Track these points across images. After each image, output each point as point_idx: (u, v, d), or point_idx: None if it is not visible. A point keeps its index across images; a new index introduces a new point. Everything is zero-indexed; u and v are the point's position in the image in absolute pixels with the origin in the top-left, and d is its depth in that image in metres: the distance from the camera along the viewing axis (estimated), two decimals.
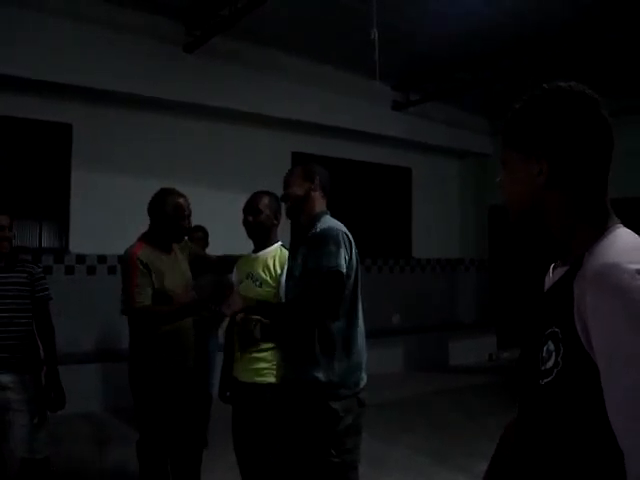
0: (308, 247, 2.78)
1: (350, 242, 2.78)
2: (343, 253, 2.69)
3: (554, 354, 1.17)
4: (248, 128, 7.79)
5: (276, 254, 3.37)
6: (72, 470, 4.66)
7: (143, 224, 3.71)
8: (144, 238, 3.61)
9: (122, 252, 3.57)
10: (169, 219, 3.56)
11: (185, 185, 6.84)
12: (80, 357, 6.24)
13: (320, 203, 2.97)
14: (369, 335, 2.90)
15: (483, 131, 10.02)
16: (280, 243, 3.47)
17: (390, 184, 9.71)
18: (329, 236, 2.71)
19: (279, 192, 3.47)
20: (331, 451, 2.65)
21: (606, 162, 1.25)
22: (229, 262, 3.82)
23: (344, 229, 2.81)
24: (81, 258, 6.66)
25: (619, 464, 1.05)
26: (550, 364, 1.17)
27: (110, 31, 6.30)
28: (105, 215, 6.57)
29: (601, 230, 1.22)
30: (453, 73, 7.90)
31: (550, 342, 1.18)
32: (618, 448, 1.05)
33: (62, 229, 6.58)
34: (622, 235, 1.21)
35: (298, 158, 8.05)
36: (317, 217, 2.90)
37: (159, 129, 7.16)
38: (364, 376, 2.83)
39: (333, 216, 2.95)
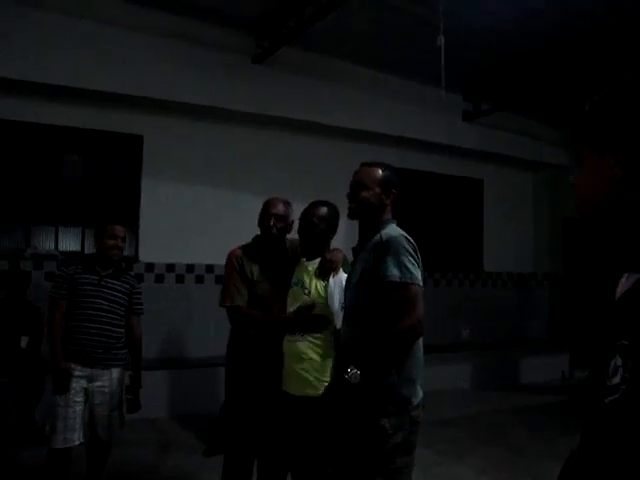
0: (374, 254, 2.67)
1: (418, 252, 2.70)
2: (417, 265, 2.62)
3: (621, 369, 1.06)
4: (318, 139, 7.81)
5: None
6: (135, 473, 4.74)
7: (211, 234, 3.74)
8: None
9: (189, 261, 3.63)
10: (260, 224, 3.66)
11: (251, 195, 6.99)
12: (147, 363, 6.33)
13: (389, 211, 2.87)
14: (437, 349, 2.78)
15: (557, 143, 9.73)
16: None
17: (461, 196, 9.54)
18: (402, 246, 2.62)
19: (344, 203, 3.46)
20: (377, 471, 2.55)
21: None
22: None
23: (411, 239, 2.71)
24: (150, 266, 6.78)
25: None
26: (617, 380, 1.06)
27: (181, 43, 6.43)
28: (174, 224, 6.68)
29: None
30: (526, 83, 7.71)
31: (618, 356, 1.08)
32: None
33: (132, 238, 6.72)
34: None
35: None
36: (383, 224, 2.80)
37: (227, 139, 7.25)
38: (419, 392, 2.69)
39: (403, 228, 2.82)
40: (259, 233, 3.74)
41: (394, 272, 2.53)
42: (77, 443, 3.80)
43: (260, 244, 3.70)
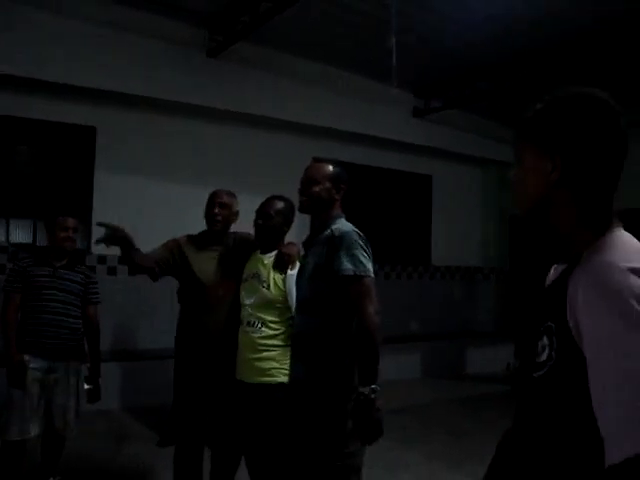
0: (327, 249, 2.77)
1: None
2: (369, 258, 2.74)
3: (548, 348, 1.21)
4: (270, 133, 7.87)
5: None
6: (90, 465, 4.74)
7: (162, 225, 3.80)
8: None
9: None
10: (205, 213, 3.75)
11: (204, 188, 6.99)
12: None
13: (338, 206, 2.99)
14: (388, 341, 2.90)
15: (505, 139, 9.97)
16: None
17: (410, 191, 9.72)
18: (355, 240, 2.73)
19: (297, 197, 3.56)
20: (334, 454, 2.66)
21: (617, 168, 1.30)
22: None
23: (361, 234, 2.82)
24: (102, 259, 6.76)
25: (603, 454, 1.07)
26: (544, 357, 1.22)
27: (135, 36, 6.42)
28: (126, 217, 6.59)
29: (602, 232, 1.26)
30: (475, 80, 7.91)
31: (545, 336, 1.23)
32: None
33: (84, 230, 6.69)
34: (621, 237, 1.26)
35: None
36: (332, 219, 2.91)
37: (181, 133, 7.26)
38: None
39: (353, 222, 2.95)
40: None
41: (348, 266, 2.65)
42: (32, 435, 3.83)
43: (205, 233, 3.77)
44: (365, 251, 2.72)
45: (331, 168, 2.97)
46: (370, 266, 2.72)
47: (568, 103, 1.33)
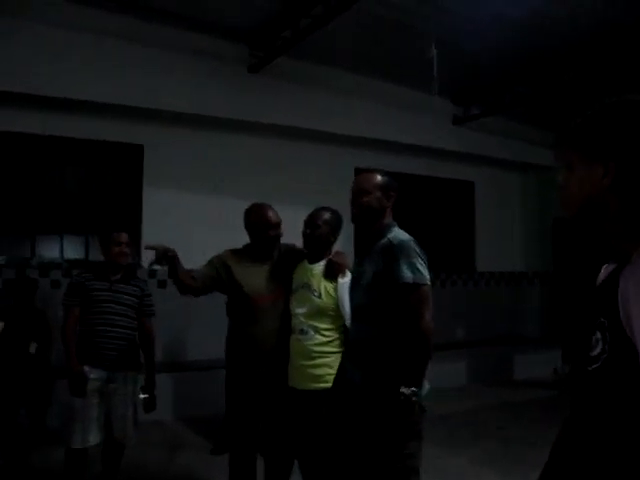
0: (384, 257, 2.85)
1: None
2: (426, 266, 2.82)
3: (601, 342, 1.28)
4: (312, 145, 7.99)
5: None
6: (146, 474, 4.90)
7: (210, 239, 3.91)
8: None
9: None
10: (253, 230, 3.81)
11: (250, 201, 7.13)
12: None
13: (389, 214, 3.07)
14: (434, 348, 2.95)
15: (545, 144, 9.93)
16: None
17: (453, 198, 9.75)
18: (413, 249, 2.82)
19: (342, 207, 3.65)
20: (394, 457, 2.72)
21: None
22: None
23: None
24: (152, 273, 6.92)
25: None
26: (597, 351, 1.29)
27: (179, 54, 6.62)
28: (175, 232, 6.78)
29: None
30: (513, 86, 7.91)
31: (598, 332, 1.30)
32: None
33: (134, 245, 6.86)
34: None
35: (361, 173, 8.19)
36: (387, 228, 2.99)
37: (226, 148, 7.42)
38: (426, 384, 2.86)
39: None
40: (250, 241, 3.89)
41: (407, 274, 2.73)
42: (93, 443, 3.97)
43: (252, 246, 3.85)
44: (422, 259, 2.80)
45: (380, 177, 3.06)
46: (427, 274, 2.79)
47: (619, 110, 1.37)
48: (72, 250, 6.92)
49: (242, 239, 4.06)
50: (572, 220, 1.48)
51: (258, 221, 3.78)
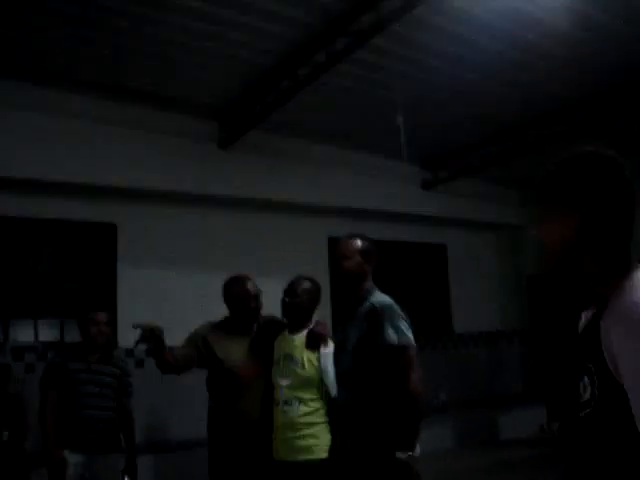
0: (368, 322, 2.87)
1: None
2: (410, 328, 2.85)
3: (589, 387, 1.31)
4: (285, 216, 8.05)
5: None
6: None
7: (188, 316, 3.90)
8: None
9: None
10: (232, 302, 3.79)
11: (225, 275, 7.13)
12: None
13: (369, 278, 3.10)
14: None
15: (514, 203, 10.15)
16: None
17: (426, 261, 9.82)
18: (397, 312, 2.86)
19: (318, 276, 3.69)
20: None
21: (631, 216, 1.42)
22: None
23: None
24: (130, 352, 6.82)
25: None
26: (587, 396, 1.31)
27: (148, 132, 6.70)
28: (150, 309, 6.73)
29: (624, 275, 1.36)
30: (479, 148, 8.12)
31: (585, 377, 1.33)
32: None
33: (110, 324, 6.78)
34: None
35: (334, 242, 8.23)
36: (368, 291, 3.02)
37: (199, 222, 7.46)
38: (418, 448, 2.85)
39: None
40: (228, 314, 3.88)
41: (392, 337, 2.74)
42: None
43: (231, 319, 3.83)
44: (406, 322, 2.82)
45: (360, 242, 3.10)
46: (411, 336, 2.81)
47: (579, 163, 1.46)
48: (47, 333, 6.80)
49: (219, 313, 4.04)
50: (548, 274, 1.52)
51: (237, 294, 3.79)
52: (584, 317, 1.48)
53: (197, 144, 7.02)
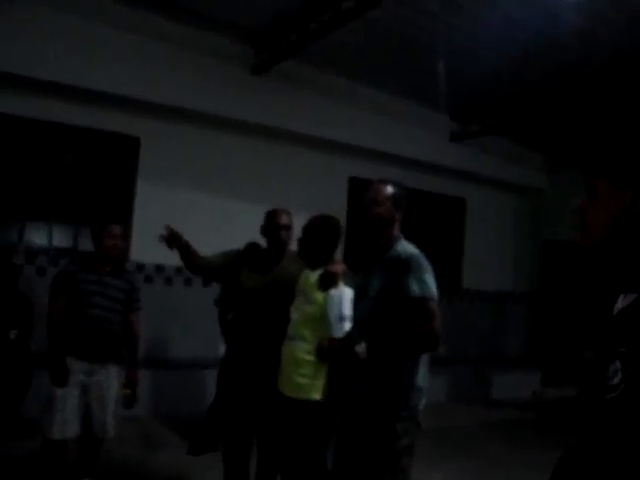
0: (391, 270, 2.82)
1: None
2: (434, 281, 2.79)
3: (620, 372, 1.27)
4: (308, 151, 7.98)
5: None
6: (122, 469, 4.86)
7: (202, 238, 3.91)
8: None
9: (179, 263, 3.83)
10: (265, 232, 3.82)
11: (244, 203, 7.13)
12: None
13: (398, 227, 3.04)
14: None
15: (539, 167, 10.02)
16: None
17: (444, 213, 9.78)
18: (422, 264, 2.79)
19: (336, 215, 3.65)
20: (386, 470, 2.71)
21: None
22: None
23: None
24: (140, 267, 6.88)
25: None
26: (616, 380, 1.27)
27: (181, 50, 6.59)
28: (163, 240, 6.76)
29: None
30: (513, 107, 7.95)
31: (617, 361, 1.29)
32: None
33: (125, 237, 6.80)
34: None
35: (355, 183, 8.22)
36: (395, 240, 2.96)
37: (223, 147, 7.40)
38: (424, 399, 2.87)
39: None
40: (252, 241, 3.91)
41: (416, 289, 2.70)
42: (72, 435, 3.92)
43: (266, 252, 3.84)
44: (431, 274, 2.77)
45: (392, 188, 3.02)
46: (435, 289, 2.76)
47: None
48: (61, 238, 6.85)
49: (235, 239, 4.09)
50: (588, 248, 1.47)
51: (268, 223, 3.80)
52: (622, 299, 1.42)
53: (230, 66, 6.90)
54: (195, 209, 7.10)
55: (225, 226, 6.69)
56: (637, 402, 1.24)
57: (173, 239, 3.69)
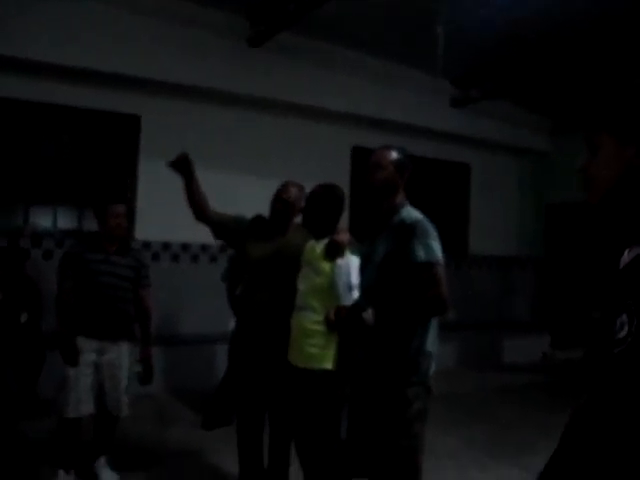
0: (396, 236, 2.81)
1: None
2: (440, 246, 2.77)
3: (627, 325, 1.26)
4: (310, 122, 7.94)
5: None
6: (137, 445, 4.92)
7: None
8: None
9: (185, 240, 3.83)
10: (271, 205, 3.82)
11: (246, 177, 7.11)
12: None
13: (402, 193, 3.02)
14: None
15: (542, 129, 9.94)
16: None
17: (448, 180, 9.74)
18: (428, 229, 2.77)
19: (339, 185, 3.64)
20: (400, 435, 2.72)
21: None
22: None
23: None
24: (146, 245, 6.88)
25: None
26: (623, 334, 1.27)
27: (176, 25, 6.52)
28: (170, 204, 6.72)
29: None
30: (513, 70, 7.86)
31: (624, 314, 1.28)
32: None
33: (129, 216, 6.81)
34: None
35: (357, 152, 8.18)
36: (399, 206, 2.95)
37: (222, 121, 7.36)
38: (433, 364, 2.87)
39: None
40: (259, 214, 3.92)
41: (421, 254, 2.69)
42: (86, 413, 3.96)
43: (269, 223, 3.83)
44: (436, 239, 2.76)
45: (395, 154, 3.00)
46: (440, 254, 2.75)
47: None
48: (65, 221, 6.86)
49: (239, 213, 4.05)
50: (595, 206, 1.47)
51: (274, 195, 3.81)
52: (628, 253, 1.42)
53: (227, 40, 6.82)
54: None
55: (229, 201, 6.60)
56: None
57: (183, 164, 3.81)
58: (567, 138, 9.21)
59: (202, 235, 4.17)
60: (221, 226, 3.84)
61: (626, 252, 1.42)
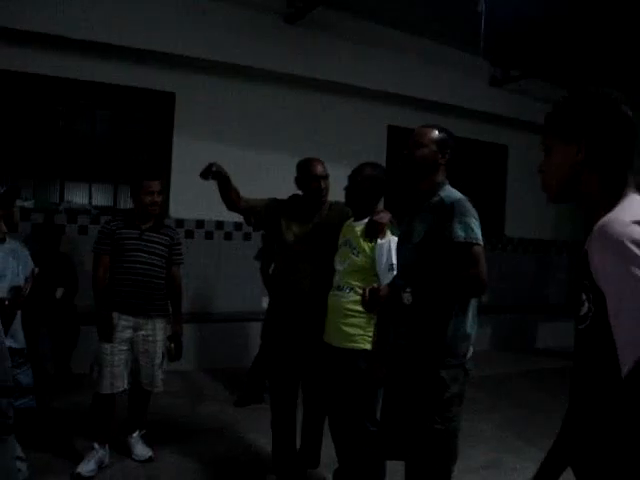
0: (435, 215, 2.75)
1: None
2: (479, 226, 2.72)
3: (586, 302, 1.43)
4: (346, 100, 7.82)
5: None
6: (171, 421, 4.96)
7: (241, 191, 3.89)
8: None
9: (219, 218, 3.81)
10: (300, 182, 3.79)
11: (280, 155, 7.06)
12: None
13: (443, 172, 2.94)
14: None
15: None
16: None
17: (486, 161, 9.59)
18: (468, 208, 2.71)
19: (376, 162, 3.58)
20: (436, 418, 2.68)
21: (630, 148, 1.56)
22: None
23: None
24: (180, 222, 6.89)
25: None
26: (584, 311, 1.44)
27: (213, 1, 6.50)
28: (204, 182, 6.76)
29: (619, 198, 1.51)
30: (553, 50, 7.67)
31: (583, 293, 1.44)
32: None
33: (163, 194, 6.82)
34: (632, 200, 1.50)
35: (394, 131, 8.09)
36: (439, 185, 2.87)
37: (259, 99, 7.30)
38: (471, 347, 2.83)
39: None
40: (295, 193, 3.87)
41: (460, 233, 2.62)
42: (121, 389, 3.99)
43: (305, 203, 3.79)
44: (476, 219, 2.70)
45: (437, 132, 2.91)
46: (480, 234, 2.69)
47: (588, 100, 1.61)
48: (100, 197, 6.90)
49: (272, 191, 4.06)
50: (553, 200, 1.70)
51: (304, 174, 3.74)
52: (588, 239, 1.54)
53: (263, 16, 6.77)
54: (232, 162, 6.87)
55: (263, 178, 6.63)
56: (601, 329, 1.36)
57: (213, 174, 3.77)
58: None
59: (236, 214, 4.17)
60: (252, 214, 3.87)
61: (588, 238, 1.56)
